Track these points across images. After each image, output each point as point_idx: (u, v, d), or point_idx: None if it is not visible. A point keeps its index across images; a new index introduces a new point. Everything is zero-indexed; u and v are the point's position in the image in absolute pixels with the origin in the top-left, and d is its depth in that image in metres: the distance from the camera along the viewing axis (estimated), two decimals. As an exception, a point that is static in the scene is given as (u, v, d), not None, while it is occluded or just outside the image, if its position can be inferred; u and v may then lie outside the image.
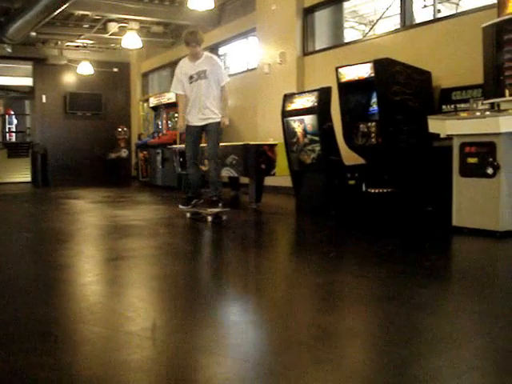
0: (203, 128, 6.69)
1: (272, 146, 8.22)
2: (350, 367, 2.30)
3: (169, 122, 13.46)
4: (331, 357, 2.39)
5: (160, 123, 13.92)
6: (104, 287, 3.82)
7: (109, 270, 4.35)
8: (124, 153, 16.89)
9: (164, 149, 12.37)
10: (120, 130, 17.04)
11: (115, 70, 17.74)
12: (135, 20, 13.38)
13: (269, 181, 8.70)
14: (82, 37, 15.00)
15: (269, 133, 9.67)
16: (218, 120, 6.62)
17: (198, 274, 4.19)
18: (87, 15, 13.54)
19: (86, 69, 16.65)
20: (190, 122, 6.74)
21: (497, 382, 2.13)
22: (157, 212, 8.39)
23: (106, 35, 14.44)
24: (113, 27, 13.99)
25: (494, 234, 5.05)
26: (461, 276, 4.10)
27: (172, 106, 12.93)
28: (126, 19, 13.35)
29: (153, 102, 14.10)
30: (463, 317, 2.95)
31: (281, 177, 8.37)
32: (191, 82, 6.66)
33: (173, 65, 16.03)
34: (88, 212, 8.80)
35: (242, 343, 2.58)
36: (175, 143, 11.71)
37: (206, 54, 6.93)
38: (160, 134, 13.55)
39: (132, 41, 13.62)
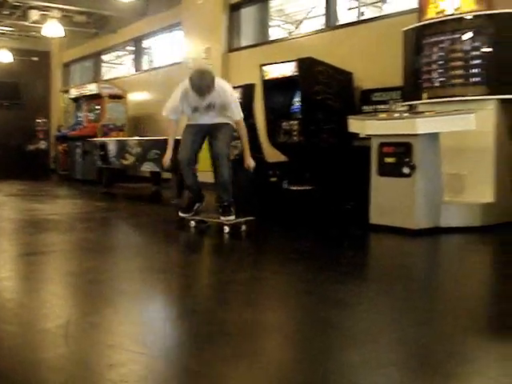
0: (210, 127, 5.61)
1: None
2: (266, 363, 2.31)
3: (90, 114, 13.15)
4: (248, 353, 2.39)
5: (81, 115, 13.57)
6: (18, 283, 3.69)
7: (23, 265, 4.21)
8: (43, 145, 16.39)
9: (84, 142, 12.07)
10: (39, 120, 16.50)
11: (35, 58, 17.16)
12: (57, 8, 12.95)
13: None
14: (1, 24, 14.43)
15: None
16: (231, 123, 5.61)
17: (116, 269, 4.11)
18: (7, 1, 13.02)
19: (4, 57, 16.04)
20: (193, 121, 5.72)
21: (410, 375, 2.18)
22: (75, 206, 8.18)
23: (27, 23, 13.92)
24: (34, 15, 13.49)
25: (410, 231, 5.20)
26: (376, 272, 4.21)
27: (94, 97, 12.67)
28: (47, 7, 12.90)
29: (74, 93, 13.72)
30: (378, 312, 3.02)
31: (204, 172, 8.32)
32: (195, 112, 5.61)
33: (96, 55, 15.75)
34: (2, 205, 8.48)
35: (158, 340, 2.55)
36: (96, 136, 11.47)
37: (217, 83, 5.43)
38: (81, 127, 13.21)
39: (53, 29, 13.19)
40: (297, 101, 7.32)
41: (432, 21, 6.10)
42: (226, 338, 2.58)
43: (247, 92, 7.16)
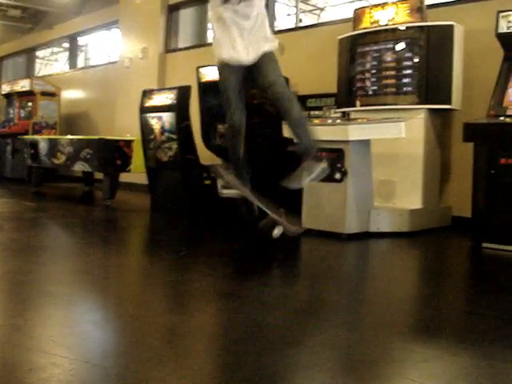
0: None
1: (128, 142, 8.05)
2: (192, 365, 2.30)
3: (21, 111, 12.79)
4: (175, 356, 2.37)
5: (12, 112, 13.18)
6: None
7: None
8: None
9: (15, 139, 11.73)
10: (-33, 116, 15.94)
11: (-36, 52, 16.61)
12: (-10, 2, 12.61)
13: (125, 177, 8.53)
14: None
15: (126, 128, 9.46)
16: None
17: (42, 271, 4.00)
18: None
19: None
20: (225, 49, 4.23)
21: (334, 377, 2.21)
22: (3, 205, 7.93)
23: (-44, 16, 13.49)
24: (-36, 8, 13.09)
25: (341, 236, 5.28)
26: (305, 275, 4.26)
27: (26, 94, 12.33)
28: (-21, 0, 12.54)
29: (5, 89, 13.31)
30: (305, 314, 3.05)
31: (137, 174, 8.23)
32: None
33: (30, 51, 15.35)
34: None
35: (82, 344, 2.50)
36: (27, 134, 11.17)
37: None
38: (11, 124, 12.83)
39: (-14, 23, 12.81)
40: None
41: (366, 30, 6.23)
42: (151, 341, 2.55)
43: (183, 93, 7.11)
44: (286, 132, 5.85)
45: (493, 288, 3.66)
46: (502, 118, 4.84)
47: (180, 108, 7.04)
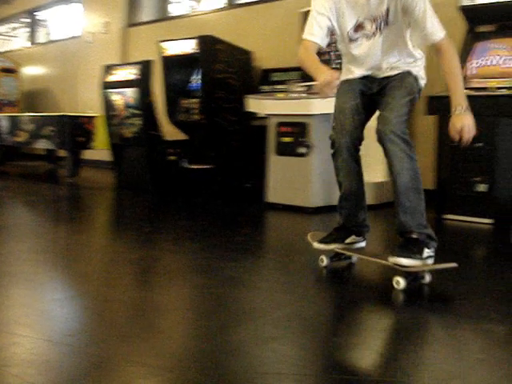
0: (379, 82, 3.21)
1: (91, 119, 7.94)
2: (156, 341, 2.29)
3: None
4: (139, 333, 2.36)
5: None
6: None
7: None
8: None
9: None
10: None
11: None
12: None
13: (89, 154, 8.43)
14: None
15: (89, 104, 9.34)
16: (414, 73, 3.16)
17: (2, 250, 3.94)
18: None
19: None
20: (349, 72, 3.31)
21: (296, 349, 2.23)
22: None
23: None
24: None
25: (306, 210, 5.31)
26: (271, 250, 4.28)
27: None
28: None
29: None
30: (270, 288, 3.07)
31: (100, 150, 8.13)
32: (352, 42, 3.17)
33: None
34: None
35: (44, 322, 2.47)
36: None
37: None
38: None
39: None
40: (196, 79, 7.26)
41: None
42: (115, 318, 2.54)
43: (145, 69, 7.01)
44: (249, 107, 5.84)
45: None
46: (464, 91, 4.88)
47: (143, 83, 6.95)
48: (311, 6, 3.19)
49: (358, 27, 3.07)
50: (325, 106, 5.27)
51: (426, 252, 2.93)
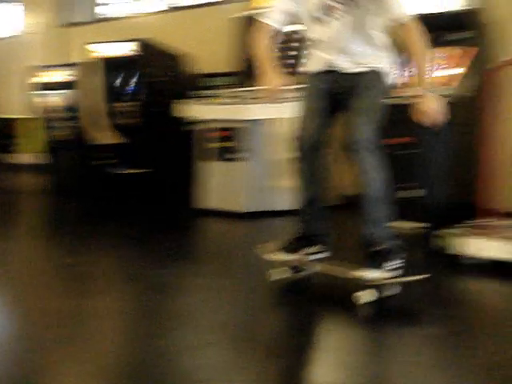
0: (344, 79, 3.05)
1: (13, 121, 7.72)
2: (88, 348, 2.32)
3: None
4: (73, 339, 2.38)
5: None
6: None
7: None
8: None
9: None
10: None
11: None
12: None
13: (20, 158, 8.22)
14: None
15: (13, 106, 9.08)
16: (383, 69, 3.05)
17: None
18: None
19: None
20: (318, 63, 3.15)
21: (229, 354, 2.29)
22: None
23: None
24: None
25: (238, 214, 5.33)
26: (203, 255, 4.31)
27: None
28: None
29: None
30: (200, 295, 3.09)
31: (28, 154, 7.93)
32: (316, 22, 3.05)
33: None
34: None
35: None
36: None
37: None
38: None
39: None
40: (133, 82, 7.21)
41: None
42: (53, 324, 2.56)
43: (83, 70, 6.92)
44: (183, 111, 5.84)
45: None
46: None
47: (79, 85, 6.86)
48: None
49: (326, 8, 2.96)
50: (257, 111, 5.34)
51: (393, 264, 2.80)
